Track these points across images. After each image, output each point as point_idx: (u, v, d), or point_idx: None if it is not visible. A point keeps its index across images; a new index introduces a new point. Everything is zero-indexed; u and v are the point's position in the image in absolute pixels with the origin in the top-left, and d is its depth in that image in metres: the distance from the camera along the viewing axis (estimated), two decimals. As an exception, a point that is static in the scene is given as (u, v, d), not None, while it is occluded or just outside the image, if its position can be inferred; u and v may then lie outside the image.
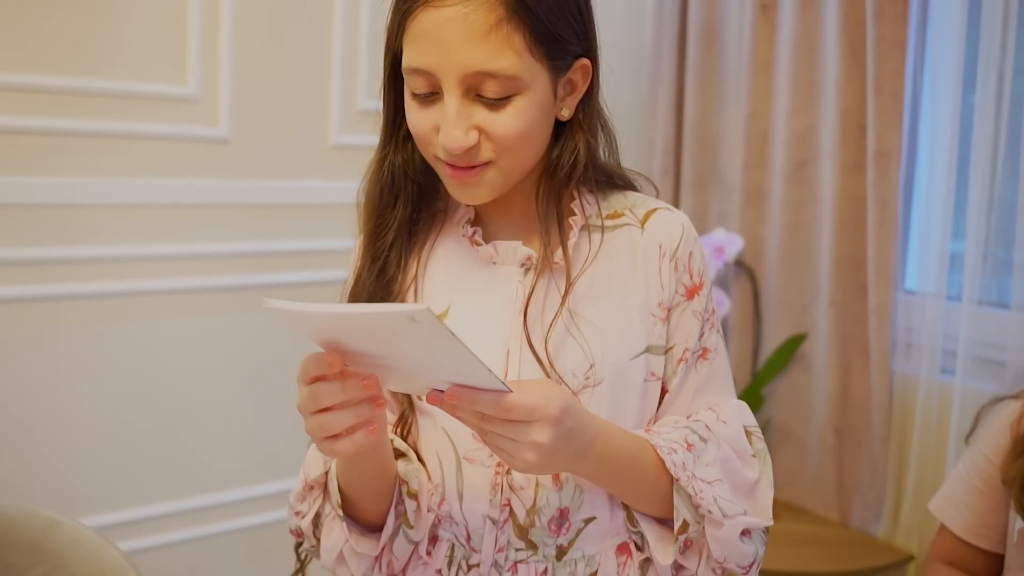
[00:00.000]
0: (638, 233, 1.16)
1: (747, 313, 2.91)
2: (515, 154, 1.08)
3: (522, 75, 1.04)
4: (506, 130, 1.05)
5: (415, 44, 1.05)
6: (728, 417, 1.16)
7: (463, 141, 1.04)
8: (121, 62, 2.16)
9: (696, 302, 1.16)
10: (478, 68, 1.02)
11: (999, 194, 2.31)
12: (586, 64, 1.12)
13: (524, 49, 1.03)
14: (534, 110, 1.07)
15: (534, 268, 1.13)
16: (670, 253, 1.15)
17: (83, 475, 2.21)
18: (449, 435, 1.13)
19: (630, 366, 1.12)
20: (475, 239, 1.16)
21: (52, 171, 2.10)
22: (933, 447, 2.46)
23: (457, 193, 1.12)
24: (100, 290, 2.18)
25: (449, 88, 1.04)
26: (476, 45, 1.01)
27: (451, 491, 1.14)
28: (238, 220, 2.36)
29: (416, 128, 1.10)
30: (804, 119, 2.73)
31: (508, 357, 1.11)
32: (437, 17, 1.02)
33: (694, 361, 1.17)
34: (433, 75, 1.04)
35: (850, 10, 2.58)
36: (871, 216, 2.52)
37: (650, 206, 1.19)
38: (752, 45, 2.82)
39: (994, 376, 2.33)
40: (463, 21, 1.01)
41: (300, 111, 2.43)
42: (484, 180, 1.09)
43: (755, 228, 2.88)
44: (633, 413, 1.14)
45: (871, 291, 2.54)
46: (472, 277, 1.16)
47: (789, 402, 2.83)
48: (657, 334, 1.14)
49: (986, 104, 2.30)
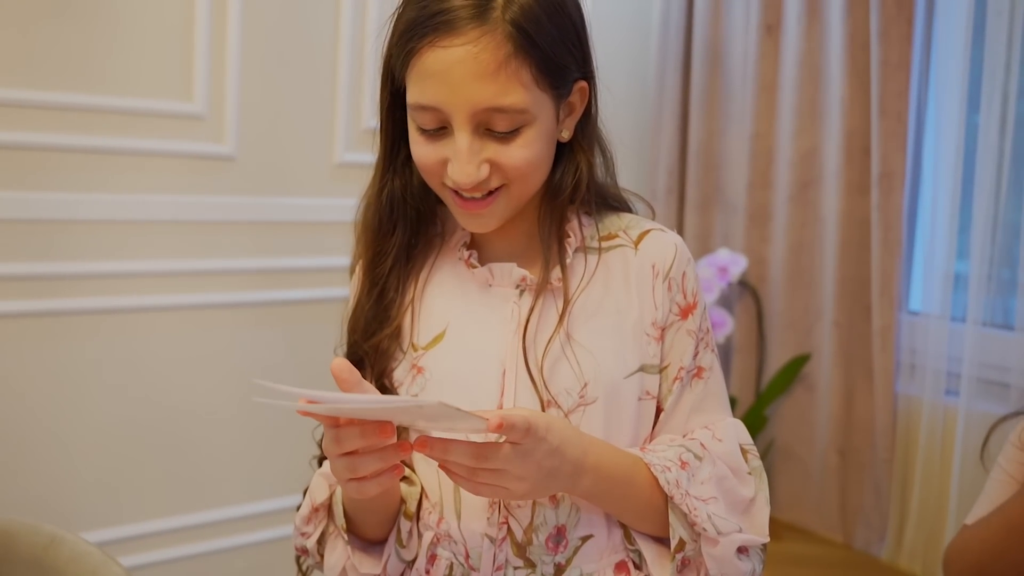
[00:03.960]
0: (632, 253, 1.17)
1: (751, 333, 2.91)
2: (525, 182, 1.10)
3: (530, 108, 1.05)
4: (517, 161, 1.07)
5: (423, 82, 1.05)
6: (723, 435, 1.17)
7: (475, 177, 1.06)
8: (128, 79, 2.17)
9: (690, 321, 1.17)
10: (488, 104, 1.03)
11: (1003, 214, 2.31)
12: (584, 86, 1.14)
13: (531, 82, 1.04)
14: (542, 139, 1.08)
15: (529, 289, 1.15)
16: (663, 273, 1.16)
17: (85, 490, 2.21)
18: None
19: (624, 384, 1.13)
20: (471, 262, 1.18)
21: (58, 187, 2.11)
22: (937, 469, 2.45)
23: (467, 223, 1.13)
24: (105, 306, 2.19)
25: (460, 125, 1.05)
26: (486, 83, 1.02)
27: (449, 509, 1.14)
28: (243, 237, 2.37)
29: (423, 161, 1.10)
30: (808, 140, 2.74)
31: (504, 377, 1.12)
32: (446, 57, 1.02)
33: (689, 380, 1.17)
34: (442, 112, 1.05)
35: (855, 31, 2.59)
36: (875, 237, 2.52)
37: (644, 227, 1.20)
38: (757, 66, 2.83)
39: (998, 398, 2.32)
40: (473, 61, 1.02)
41: (305, 129, 2.44)
42: (495, 210, 1.11)
43: (759, 248, 2.88)
44: (628, 431, 1.14)
45: (875, 312, 2.54)
46: (469, 299, 1.18)
47: (793, 423, 2.82)
48: (651, 353, 1.15)
49: (990, 125, 2.31)
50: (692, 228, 3.03)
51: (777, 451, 2.85)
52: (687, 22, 3.01)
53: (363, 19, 2.47)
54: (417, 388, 1.16)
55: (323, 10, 2.43)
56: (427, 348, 1.17)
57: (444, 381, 1.15)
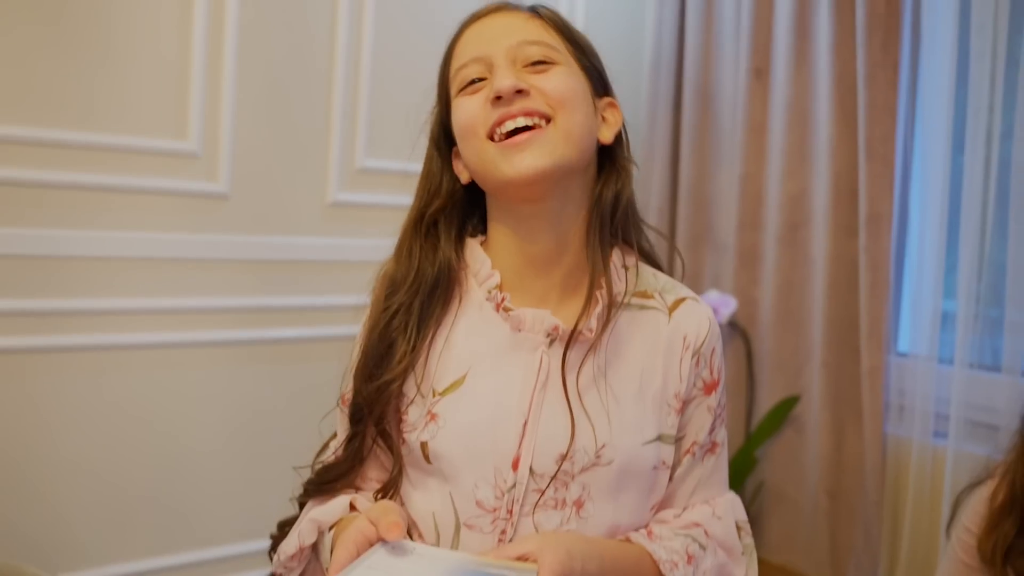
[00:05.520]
0: (664, 320, 1.17)
1: (740, 374, 2.92)
2: (568, 112, 1.12)
3: (559, 49, 1.16)
4: (553, 85, 1.12)
5: (462, 50, 1.17)
6: (723, 512, 1.19)
7: (513, 81, 1.10)
8: (124, 117, 2.19)
9: (712, 398, 1.18)
10: (522, 38, 1.14)
11: (989, 254, 2.33)
12: (613, 102, 1.21)
13: (556, 40, 1.16)
14: (575, 81, 1.15)
15: (560, 339, 1.13)
16: (694, 347, 1.17)
17: (74, 530, 2.19)
18: (453, 500, 1.12)
19: (641, 451, 1.13)
20: (505, 305, 1.16)
21: (52, 223, 2.12)
22: (927, 510, 2.45)
23: (514, 161, 1.10)
24: (98, 343, 2.19)
25: (498, 60, 1.13)
26: (515, 29, 1.15)
27: None
28: (236, 275, 2.37)
29: (469, 112, 1.14)
30: (797, 182, 2.76)
31: (525, 427, 1.11)
32: (488, 21, 1.18)
33: (702, 455, 1.19)
34: (484, 58, 1.14)
35: (841, 75, 2.62)
36: (863, 278, 2.54)
37: (679, 294, 1.20)
38: (746, 108, 2.86)
39: (986, 440, 2.32)
40: (508, 15, 1.18)
41: (299, 168, 2.46)
42: (543, 141, 1.10)
43: (749, 289, 2.90)
44: (637, 496, 1.15)
45: (863, 353, 2.55)
46: (494, 344, 1.16)
47: (783, 464, 2.82)
48: (670, 424, 1.16)
49: (975, 165, 2.33)
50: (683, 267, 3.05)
51: (767, 492, 2.85)
52: (678, 64, 3.04)
53: (358, 59, 2.50)
54: (428, 435, 1.13)
55: (318, 50, 2.45)
56: (444, 393, 1.14)
57: (460, 430, 1.12)
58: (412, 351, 1.16)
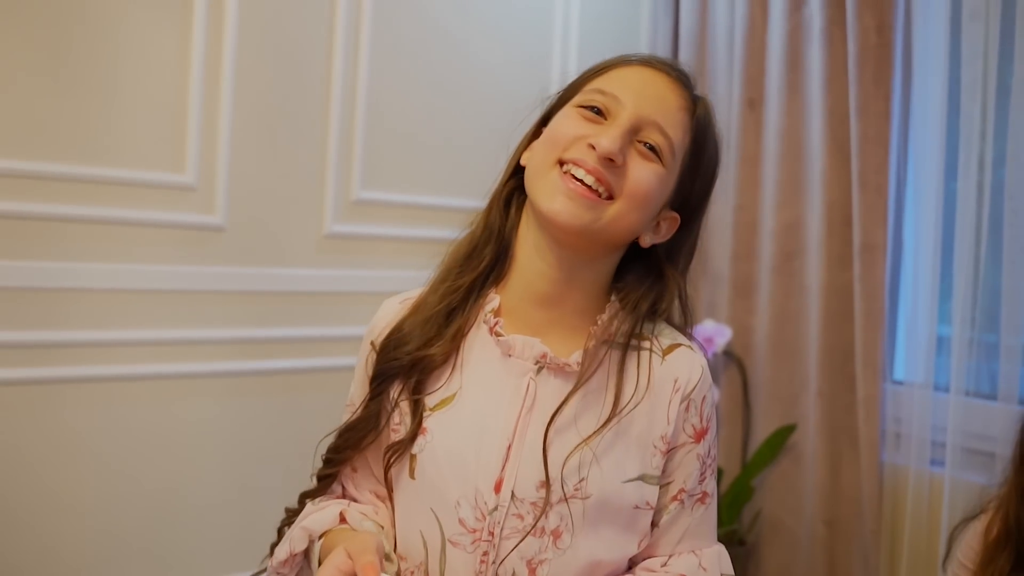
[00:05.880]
0: (657, 361, 1.18)
1: (736, 403, 2.92)
2: (629, 206, 1.12)
3: (675, 155, 1.15)
4: (641, 178, 1.12)
5: (613, 78, 1.17)
6: (709, 564, 1.19)
7: (617, 150, 1.10)
8: (121, 150, 2.20)
9: (701, 446, 1.19)
10: (655, 119, 1.13)
11: (983, 279, 2.34)
12: (676, 218, 1.20)
13: (683, 146, 1.16)
14: (660, 189, 1.15)
15: (548, 368, 1.15)
16: (684, 392, 1.17)
17: (76, 557, 2.18)
18: (437, 516, 1.14)
19: (621, 489, 1.14)
20: (496, 330, 1.18)
21: (51, 256, 2.13)
22: (925, 539, 2.44)
23: (562, 202, 1.11)
24: (94, 374, 2.19)
25: (627, 115, 1.12)
26: (665, 109, 1.14)
27: (434, 572, 1.15)
28: (232, 307, 2.38)
29: (565, 130, 1.14)
30: (791, 212, 2.78)
31: (509, 451, 1.13)
32: (650, 74, 1.16)
33: (691, 504, 1.19)
34: (618, 102, 1.13)
35: (834, 107, 2.64)
36: (858, 308, 2.55)
37: (676, 340, 1.22)
38: (739, 139, 2.88)
39: (983, 467, 2.33)
40: (671, 89, 1.16)
41: (295, 200, 2.47)
42: (592, 207, 1.11)
43: (744, 319, 2.91)
44: (617, 533, 1.15)
45: (859, 382, 2.55)
46: (485, 366, 1.18)
47: (779, 493, 2.82)
48: (654, 465, 1.16)
49: (968, 192, 2.35)
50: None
51: (764, 522, 2.84)
52: (671, 97, 3.06)
53: (353, 91, 2.52)
54: (417, 449, 1.16)
55: (314, 83, 2.47)
56: (434, 409, 1.17)
57: (447, 448, 1.14)
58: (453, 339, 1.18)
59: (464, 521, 1.12)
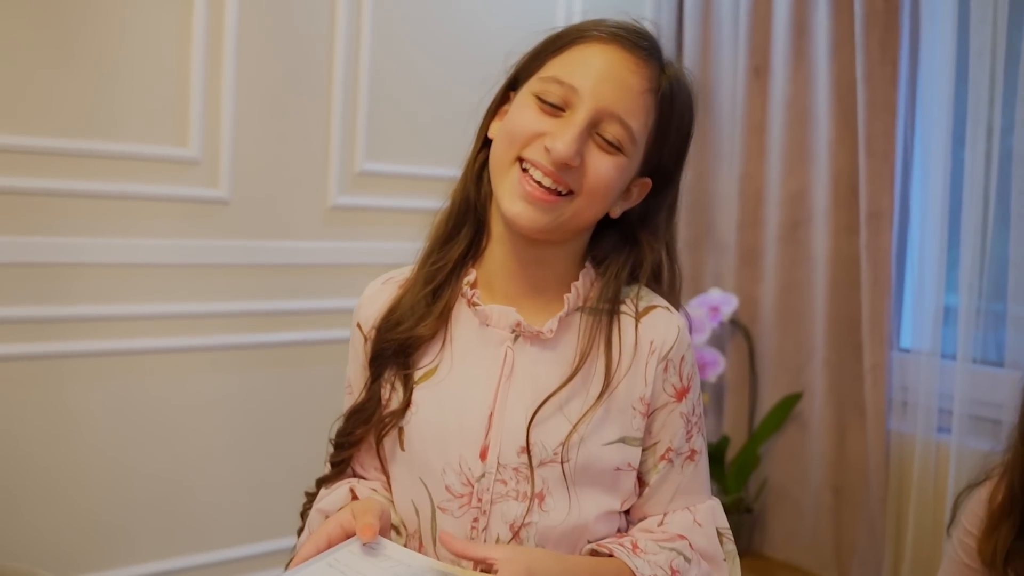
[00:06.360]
0: (631, 325, 1.19)
1: (742, 372, 2.92)
2: (591, 200, 1.12)
3: (636, 142, 1.12)
4: (602, 173, 1.11)
5: (574, 62, 1.12)
6: (704, 519, 1.20)
7: (573, 153, 1.08)
8: (124, 124, 2.19)
9: (684, 404, 1.19)
10: (616, 112, 1.10)
11: (991, 248, 2.33)
12: (647, 183, 1.19)
13: (646, 128, 1.13)
14: (622, 177, 1.14)
15: (524, 336, 1.17)
16: (661, 353, 1.18)
17: (80, 534, 2.20)
18: (425, 484, 1.16)
19: (602, 451, 1.15)
20: (473, 300, 1.19)
21: (55, 231, 2.12)
22: (931, 506, 2.45)
23: (518, 210, 1.12)
24: (100, 349, 2.19)
25: (584, 112, 1.09)
26: (627, 96, 1.11)
27: (427, 537, 1.17)
28: (237, 280, 2.38)
29: (523, 125, 1.12)
30: (797, 180, 2.76)
31: (491, 419, 1.14)
32: (610, 53, 1.11)
33: (681, 462, 1.20)
34: (575, 93, 1.10)
35: (840, 74, 2.62)
36: (864, 276, 2.54)
37: (652, 302, 1.21)
38: (745, 107, 2.87)
39: (989, 434, 2.33)
40: (630, 73, 1.11)
41: (299, 172, 2.46)
42: (552, 210, 1.11)
43: (750, 288, 2.90)
44: (600, 495, 1.16)
45: (866, 350, 2.55)
46: (467, 337, 1.19)
47: (786, 462, 2.83)
48: (635, 427, 1.17)
49: (976, 160, 2.33)
50: (683, 268, 3.05)
51: (771, 490, 2.85)
52: (676, 65, 3.04)
53: (356, 63, 2.50)
54: (404, 422, 1.18)
55: (317, 54, 2.46)
56: (419, 382, 1.19)
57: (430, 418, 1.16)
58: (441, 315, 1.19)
59: (451, 488, 1.14)
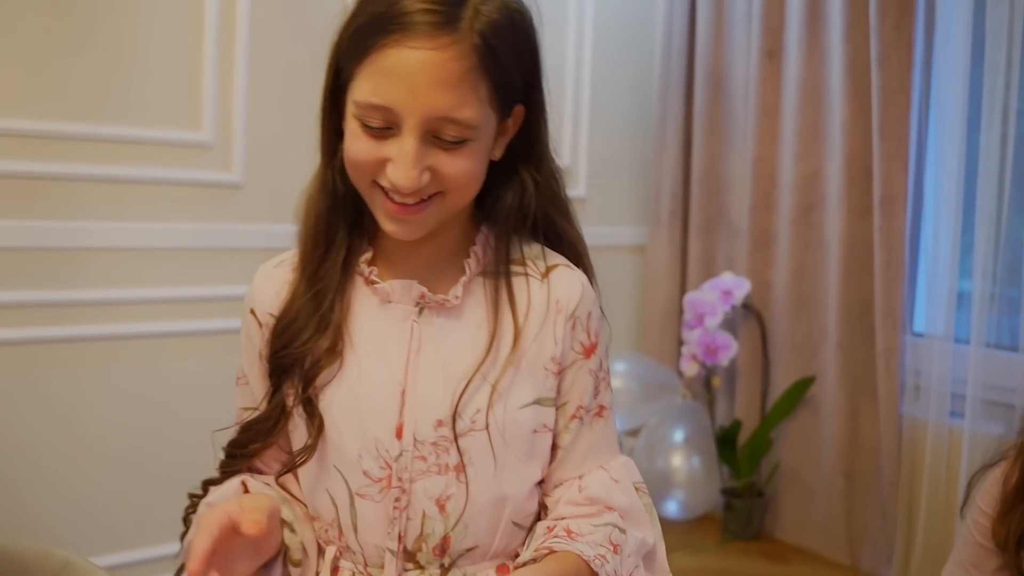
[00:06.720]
0: (537, 285, 1.17)
1: (755, 356, 2.92)
2: (460, 193, 1.09)
3: (481, 124, 1.05)
4: (459, 171, 1.06)
5: (380, 79, 1.03)
6: (619, 475, 1.19)
7: (417, 182, 1.04)
8: (137, 109, 2.20)
9: (592, 361, 1.18)
10: (445, 114, 1.02)
11: (1006, 232, 2.32)
12: (520, 111, 1.13)
13: (486, 98, 1.05)
14: (483, 153, 1.09)
15: (428, 307, 1.14)
16: (567, 311, 1.16)
17: (96, 515, 2.22)
18: (341, 472, 1.14)
19: (518, 415, 1.14)
20: (371, 278, 1.16)
21: (69, 215, 2.13)
22: (943, 490, 2.45)
23: (393, 227, 1.09)
24: (114, 332, 2.20)
25: (411, 129, 1.03)
26: (446, 91, 1.02)
27: (347, 525, 1.16)
28: (250, 264, 2.36)
29: (360, 158, 1.08)
30: (810, 163, 2.75)
31: (404, 396, 1.13)
32: (411, 58, 1.01)
33: (590, 420, 1.19)
34: (395, 113, 1.03)
35: (854, 56, 2.61)
36: (878, 259, 2.53)
37: (553, 261, 1.20)
38: (758, 90, 2.86)
39: (1003, 419, 2.32)
40: (439, 68, 1.01)
41: (312, 156, 2.45)
42: (425, 217, 1.09)
43: (762, 271, 2.90)
44: (519, 460, 1.15)
45: (879, 334, 2.55)
46: (368, 319, 1.16)
47: (798, 445, 2.83)
48: (548, 387, 1.16)
49: (991, 143, 2.32)
50: (696, 251, 3.05)
51: (783, 474, 2.85)
52: (689, 48, 3.03)
53: (368, 48, 2.50)
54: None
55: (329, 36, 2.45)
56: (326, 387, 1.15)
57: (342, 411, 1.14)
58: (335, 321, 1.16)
59: (369, 473, 1.12)
